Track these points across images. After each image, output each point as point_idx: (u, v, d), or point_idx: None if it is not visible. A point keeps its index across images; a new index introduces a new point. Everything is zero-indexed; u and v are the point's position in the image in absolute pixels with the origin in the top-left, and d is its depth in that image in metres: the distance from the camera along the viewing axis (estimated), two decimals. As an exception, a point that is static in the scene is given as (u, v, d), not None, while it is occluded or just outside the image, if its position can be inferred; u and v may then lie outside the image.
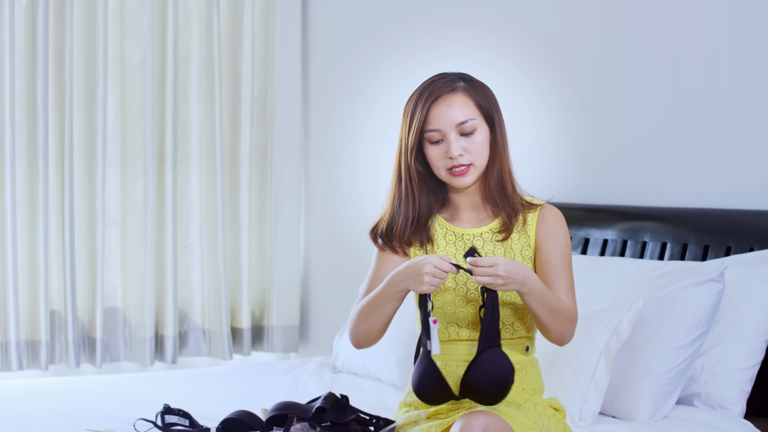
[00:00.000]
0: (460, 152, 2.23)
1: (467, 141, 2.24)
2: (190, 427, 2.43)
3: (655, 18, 3.25)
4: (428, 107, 2.24)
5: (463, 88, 2.26)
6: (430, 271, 2.12)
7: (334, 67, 4.39)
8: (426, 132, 2.24)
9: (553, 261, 2.28)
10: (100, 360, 4.02)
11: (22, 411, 2.77)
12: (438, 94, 2.25)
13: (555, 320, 2.21)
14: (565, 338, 2.26)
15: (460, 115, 2.23)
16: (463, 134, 2.24)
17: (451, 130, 2.23)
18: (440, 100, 2.24)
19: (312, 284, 4.49)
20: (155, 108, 4.11)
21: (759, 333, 2.73)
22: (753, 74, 3.01)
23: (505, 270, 2.10)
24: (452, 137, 2.23)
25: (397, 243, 2.32)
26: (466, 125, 2.23)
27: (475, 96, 2.26)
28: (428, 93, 2.25)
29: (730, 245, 2.95)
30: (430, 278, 2.12)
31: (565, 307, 2.23)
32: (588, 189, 3.43)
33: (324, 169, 4.44)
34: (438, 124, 2.24)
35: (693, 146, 3.15)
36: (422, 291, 2.14)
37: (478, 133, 2.25)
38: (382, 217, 2.34)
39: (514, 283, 2.12)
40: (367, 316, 2.26)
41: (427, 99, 2.24)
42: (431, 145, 2.26)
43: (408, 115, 2.27)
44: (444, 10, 3.92)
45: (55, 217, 3.96)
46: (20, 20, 3.88)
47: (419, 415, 2.28)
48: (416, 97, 2.26)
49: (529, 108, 3.60)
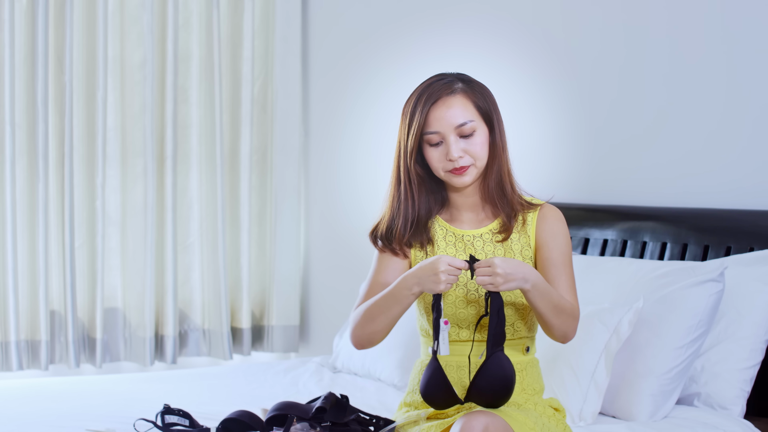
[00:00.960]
0: (459, 154, 2.22)
1: (466, 143, 2.23)
2: (190, 427, 2.43)
3: (654, 18, 3.25)
4: (427, 110, 2.23)
5: (462, 89, 2.25)
6: (445, 269, 2.12)
7: (334, 67, 4.39)
8: (425, 134, 2.24)
9: (554, 260, 2.28)
10: (100, 360, 4.02)
11: (22, 411, 2.77)
12: (437, 97, 2.24)
13: (558, 317, 2.21)
14: (568, 336, 2.25)
15: (459, 117, 2.23)
16: (462, 136, 2.23)
17: (450, 133, 2.22)
18: (439, 102, 2.23)
19: (312, 284, 4.49)
20: (155, 108, 4.11)
21: (759, 333, 2.73)
22: (752, 74, 3.01)
23: (503, 268, 2.10)
24: (452, 139, 2.23)
25: (397, 245, 2.31)
26: (465, 127, 2.23)
27: (474, 97, 2.25)
28: (427, 95, 2.24)
29: (730, 245, 2.95)
30: (446, 276, 2.12)
31: (568, 304, 2.23)
32: (588, 189, 3.43)
33: (324, 169, 4.44)
34: (437, 126, 2.23)
35: (693, 146, 3.15)
36: (440, 290, 2.13)
37: (477, 135, 2.24)
38: (382, 219, 2.34)
39: (516, 280, 2.12)
40: (374, 318, 2.25)
41: (426, 101, 2.23)
42: (431, 147, 2.25)
43: (407, 118, 2.26)
44: (444, 10, 3.92)
45: (55, 217, 3.96)
46: (20, 20, 3.88)
47: (419, 415, 2.28)
48: (415, 99, 2.25)
49: (529, 108, 3.60)
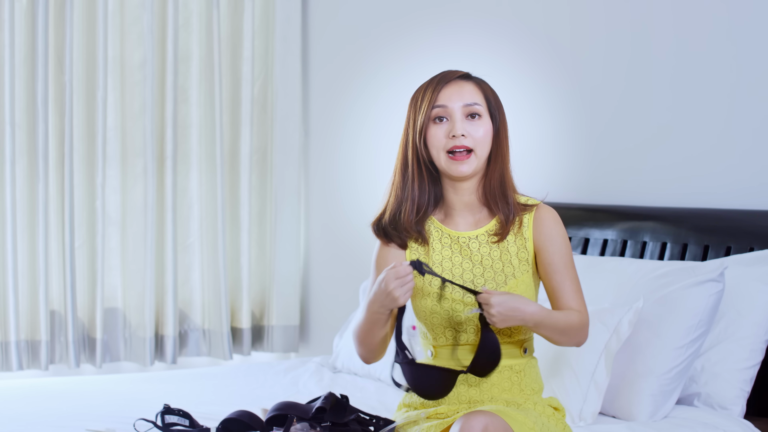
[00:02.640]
0: (462, 132, 2.22)
1: (471, 125, 2.24)
2: (190, 427, 2.43)
3: (659, 20, 3.25)
4: (440, 88, 2.25)
5: (476, 80, 2.29)
6: (394, 285, 2.12)
7: (334, 67, 4.39)
8: (434, 108, 2.24)
9: (556, 264, 2.27)
10: (100, 360, 4.02)
11: (23, 411, 2.77)
12: (450, 78, 2.27)
13: (566, 336, 2.23)
14: (581, 343, 2.28)
15: (469, 98, 2.25)
16: (468, 116, 2.24)
17: (458, 110, 2.24)
18: (452, 83, 2.26)
19: (312, 284, 4.49)
20: (155, 108, 4.10)
21: (759, 333, 2.73)
22: (756, 76, 3.01)
23: (498, 309, 2.11)
24: (458, 116, 2.24)
25: (404, 230, 2.30)
26: (474, 107, 2.24)
27: (485, 90, 2.28)
28: (440, 77, 2.27)
29: (730, 245, 2.95)
30: (399, 290, 2.12)
31: (575, 318, 2.23)
32: (588, 189, 3.43)
33: (324, 169, 4.44)
34: (446, 101, 2.24)
35: (696, 149, 3.15)
36: (402, 303, 2.15)
37: (482, 122, 2.25)
38: (386, 208, 2.32)
39: (513, 320, 2.14)
40: (364, 341, 2.28)
41: (439, 82, 2.26)
42: (435, 125, 2.25)
43: (417, 99, 2.28)
44: (444, 9, 3.91)
45: (55, 217, 3.95)
46: (20, 20, 3.88)
47: (419, 415, 2.28)
48: (427, 83, 2.28)
49: (530, 108, 3.60)
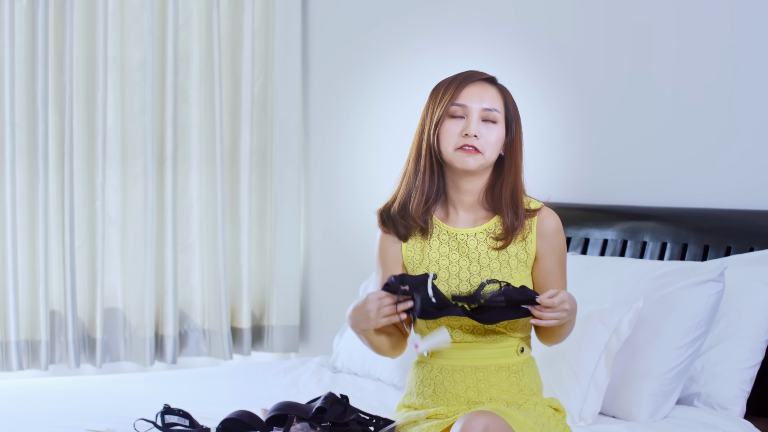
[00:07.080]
0: (476, 133, 2.23)
1: (486, 128, 2.25)
2: (190, 427, 2.43)
3: (660, 21, 3.25)
4: (464, 86, 2.26)
5: (500, 87, 2.29)
6: (372, 308, 2.15)
7: (334, 67, 4.39)
8: (452, 105, 2.25)
9: (551, 267, 2.30)
10: (100, 360, 4.02)
11: (22, 411, 2.77)
12: (476, 79, 2.27)
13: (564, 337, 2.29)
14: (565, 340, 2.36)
15: (490, 102, 2.25)
16: (485, 120, 2.25)
17: (476, 111, 2.24)
18: (476, 83, 2.27)
19: (312, 284, 4.49)
20: (155, 108, 4.10)
21: (759, 333, 2.73)
22: (756, 76, 3.01)
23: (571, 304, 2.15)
24: (474, 117, 2.24)
25: (411, 220, 2.29)
26: (493, 113, 2.25)
27: (507, 99, 2.29)
28: (465, 76, 2.28)
29: (730, 245, 2.95)
30: (375, 315, 2.15)
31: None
32: (588, 189, 3.43)
33: (324, 169, 4.44)
34: (466, 100, 2.25)
35: (695, 148, 3.15)
36: (372, 327, 2.18)
37: (497, 128, 2.26)
38: (395, 196, 2.33)
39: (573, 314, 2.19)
40: (369, 348, 2.32)
41: (464, 80, 2.26)
42: (450, 119, 2.25)
43: (438, 93, 2.28)
44: (443, 8, 3.91)
45: (55, 217, 3.95)
46: (20, 20, 3.88)
47: (419, 415, 2.28)
48: (451, 79, 2.28)
49: (530, 107, 3.59)
